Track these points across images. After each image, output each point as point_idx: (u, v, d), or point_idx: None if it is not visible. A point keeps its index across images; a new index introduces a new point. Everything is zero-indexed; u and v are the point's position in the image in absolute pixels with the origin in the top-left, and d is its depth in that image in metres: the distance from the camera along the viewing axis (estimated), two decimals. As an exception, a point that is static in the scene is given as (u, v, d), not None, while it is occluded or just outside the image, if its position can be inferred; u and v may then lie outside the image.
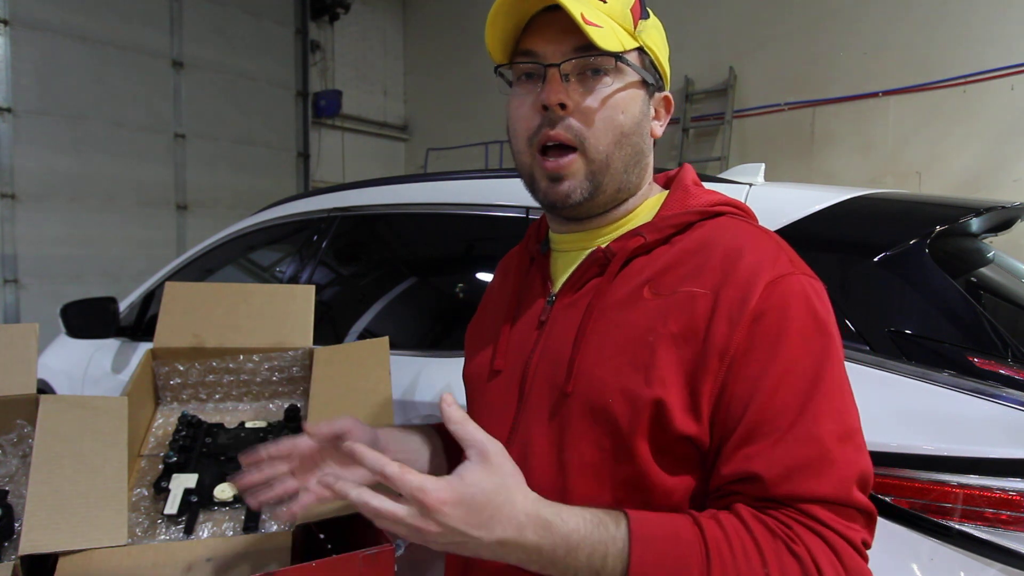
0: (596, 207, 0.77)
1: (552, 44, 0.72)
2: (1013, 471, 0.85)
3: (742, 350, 0.64)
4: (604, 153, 0.73)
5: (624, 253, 0.74)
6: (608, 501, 0.68)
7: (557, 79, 0.71)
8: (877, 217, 1.23)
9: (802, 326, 0.65)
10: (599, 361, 0.70)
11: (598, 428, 0.69)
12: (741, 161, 4.23)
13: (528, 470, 0.71)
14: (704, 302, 0.67)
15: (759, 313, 0.65)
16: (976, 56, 4.42)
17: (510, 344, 0.81)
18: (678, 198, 0.78)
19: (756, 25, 5.45)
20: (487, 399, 0.82)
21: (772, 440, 0.62)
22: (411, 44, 8.57)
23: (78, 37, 5.45)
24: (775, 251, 0.70)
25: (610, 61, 0.72)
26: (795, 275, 0.67)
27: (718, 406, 0.65)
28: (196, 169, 6.26)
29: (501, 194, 1.57)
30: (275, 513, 0.74)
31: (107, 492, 0.98)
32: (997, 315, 1.06)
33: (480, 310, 0.96)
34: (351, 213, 1.89)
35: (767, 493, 0.61)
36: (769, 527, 0.60)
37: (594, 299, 0.73)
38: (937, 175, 4.61)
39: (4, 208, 5.14)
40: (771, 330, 0.64)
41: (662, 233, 0.74)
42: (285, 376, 1.32)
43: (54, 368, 2.52)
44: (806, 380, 0.63)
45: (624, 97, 0.73)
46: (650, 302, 0.70)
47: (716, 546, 0.59)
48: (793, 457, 0.61)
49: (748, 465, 0.62)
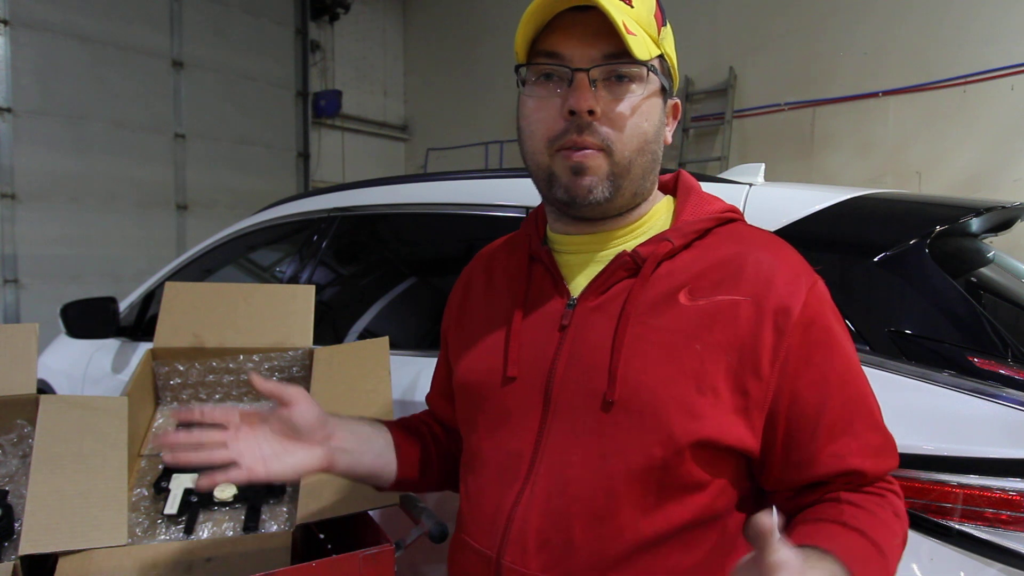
0: (612, 209, 0.77)
1: (580, 47, 0.71)
2: (1013, 471, 0.85)
3: (797, 356, 0.69)
4: (628, 159, 0.73)
5: (655, 257, 0.74)
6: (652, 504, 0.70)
7: (586, 84, 0.70)
8: (877, 217, 1.23)
9: (839, 328, 0.73)
10: (644, 368, 0.70)
11: (648, 436, 0.69)
12: (741, 161, 4.23)
13: (565, 480, 0.72)
14: (746, 310, 0.70)
15: (808, 322, 0.70)
16: (976, 56, 4.42)
17: (523, 349, 0.78)
18: (694, 204, 0.80)
19: (756, 25, 5.45)
20: (505, 407, 0.78)
21: (854, 435, 0.70)
22: (411, 44, 8.57)
23: (78, 37, 5.45)
24: (797, 259, 0.75)
25: (642, 70, 0.72)
26: (819, 280, 0.73)
27: (776, 410, 0.70)
28: (196, 169, 6.25)
29: (501, 194, 1.57)
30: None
31: (107, 492, 0.98)
32: (997, 315, 1.06)
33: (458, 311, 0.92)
34: (351, 213, 1.89)
35: (866, 480, 0.71)
36: (882, 500, 0.71)
37: (628, 303, 0.73)
38: (937, 175, 4.60)
39: (4, 208, 5.14)
40: (822, 335, 0.71)
41: (686, 238, 0.76)
42: (285, 376, 1.32)
43: (54, 368, 2.51)
44: (855, 374, 0.72)
45: (648, 105, 0.74)
46: (688, 308, 0.71)
47: (879, 539, 0.67)
48: (875, 446, 0.71)
49: (846, 463, 0.70)
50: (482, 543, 0.76)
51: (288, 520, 1.07)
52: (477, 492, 0.80)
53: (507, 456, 0.76)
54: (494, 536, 0.75)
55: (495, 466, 0.78)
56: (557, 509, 0.71)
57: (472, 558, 0.78)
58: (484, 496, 0.78)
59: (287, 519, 1.07)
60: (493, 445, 0.78)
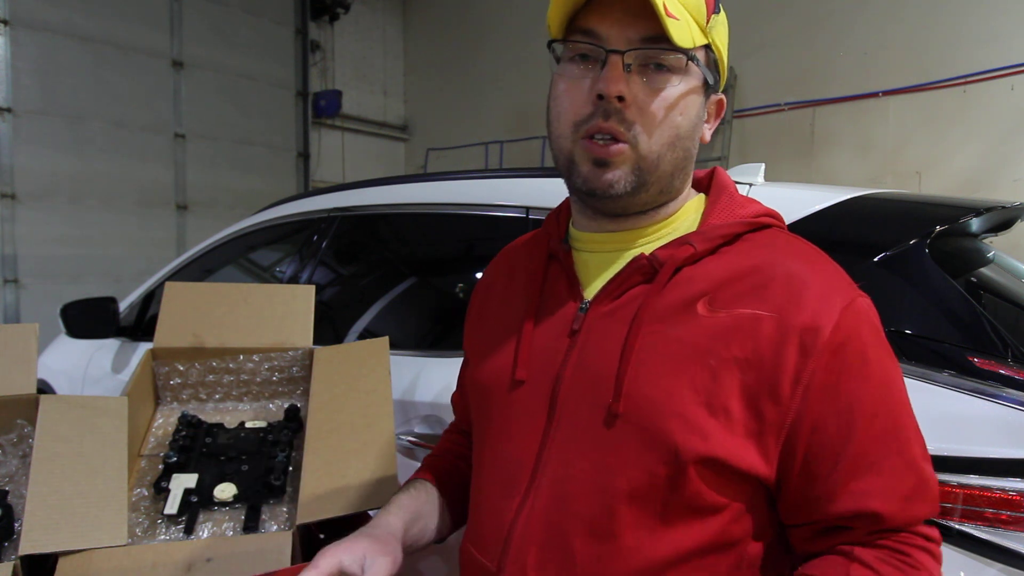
0: (636, 204, 0.72)
1: (617, 27, 0.66)
2: (1013, 471, 0.85)
3: (823, 381, 0.63)
4: (656, 153, 0.68)
5: (673, 263, 0.69)
6: (658, 525, 0.65)
7: (619, 68, 0.66)
8: (877, 217, 1.23)
9: (878, 352, 0.66)
10: (652, 380, 0.65)
11: (652, 454, 0.64)
12: (741, 161, 4.23)
13: (566, 494, 0.68)
14: (769, 326, 0.63)
15: (839, 344, 0.63)
16: (976, 56, 4.42)
17: (533, 352, 0.75)
18: (724, 206, 0.74)
19: (756, 25, 5.44)
20: (511, 411, 0.75)
21: (880, 472, 0.63)
22: (411, 44, 8.57)
23: (78, 37, 5.45)
24: (836, 273, 0.69)
25: (681, 59, 0.67)
26: (860, 298, 0.66)
27: (795, 437, 0.64)
28: (196, 169, 6.25)
29: (501, 194, 1.57)
30: None
31: (107, 492, 0.98)
32: (997, 315, 1.06)
33: (479, 308, 0.90)
34: (351, 213, 1.89)
35: (886, 525, 0.63)
36: (893, 564, 0.63)
37: (641, 311, 0.68)
38: (937, 175, 4.60)
39: (4, 208, 5.14)
40: (854, 361, 0.64)
41: (712, 244, 0.70)
42: (285, 376, 1.32)
43: (54, 368, 2.51)
44: (893, 406, 0.65)
45: (686, 97, 0.69)
46: (706, 319, 0.66)
47: None
48: (903, 487, 0.63)
49: (865, 504, 0.63)
50: (483, 555, 0.74)
51: (288, 520, 1.07)
52: (480, 500, 0.78)
53: (509, 464, 0.74)
54: (494, 549, 0.72)
55: (497, 473, 0.75)
56: (557, 525, 0.68)
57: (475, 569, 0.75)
58: (486, 505, 0.76)
59: (287, 519, 1.07)
60: (497, 451, 0.76)
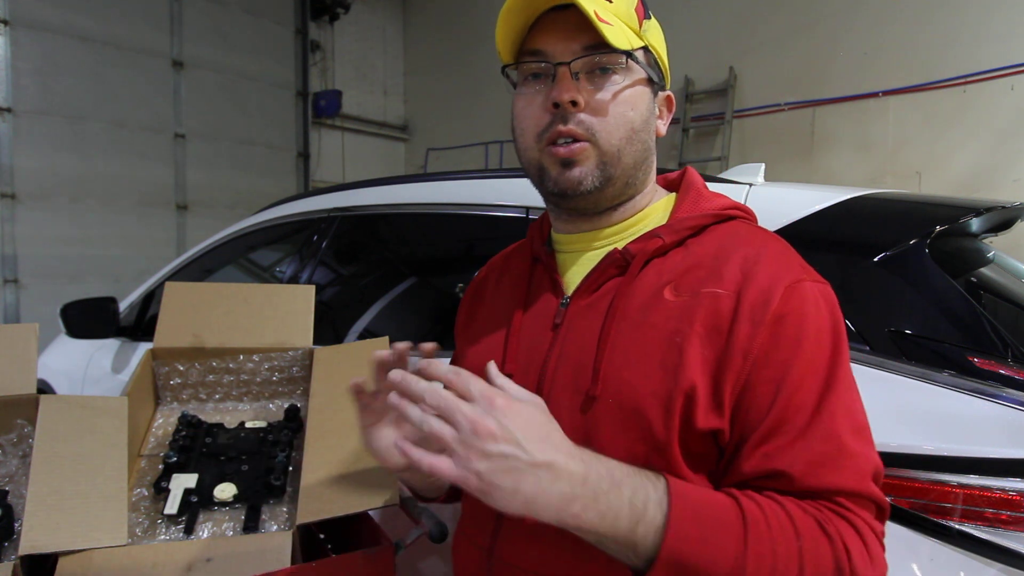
0: (605, 200, 0.77)
1: (562, 43, 0.73)
2: (1013, 471, 0.85)
3: (764, 351, 0.66)
4: (616, 147, 0.74)
5: (644, 255, 0.74)
6: None
7: (568, 77, 0.72)
8: (877, 217, 1.23)
9: (817, 329, 0.68)
10: (626, 364, 0.70)
11: (630, 433, 0.68)
12: (741, 161, 4.23)
13: None
14: (727, 302, 0.68)
15: (780, 316, 0.67)
16: (976, 56, 4.42)
17: (520, 347, 0.80)
18: (692, 201, 0.79)
19: (756, 25, 5.45)
20: None
21: (792, 437, 0.64)
22: (411, 44, 8.57)
23: (78, 37, 5.45)
24: (788, 257, 0.73)
25: (620, 59, 0.73)
26: (808, 281, 0.70)
27: (739, 404, 0.67)
28: (196, 169, 6.26)
29: (501, 194, 1.57)
30: None
31: (107, 492, 0.98)
32: (997, 315, 1.06)
33: (469, 311, 0.95)
34: (351, 213, 1.89)
35: (793, 487, 0.63)
36: (801, 506, 0.62)
37: (616, 301, 0.73)
38: (937, 175, 4.60)
39: (4, 208, 5.14)
40: (790, 332, 0.67)
41: (679, 235, 0.75)
42: (285, 376, 1.32)
43: (54, 368, 2.52)
44: (821, 379, 0.66)
45: (633, 94, 0.75)
46: (672, 303, 0.71)
47: (751, 512, 0.60)
48: (814, 452, 0.63)
49: (769, 463, 0.64)
50: (477, 536, 0.79)
51: (288, 520, 1.07)
52: None
53: None
54: (487, 529, 0.77)
55: None
56: None
57: (469, 550, 0.80)
58: None
59: (287, 519, 1.07)
60: None
